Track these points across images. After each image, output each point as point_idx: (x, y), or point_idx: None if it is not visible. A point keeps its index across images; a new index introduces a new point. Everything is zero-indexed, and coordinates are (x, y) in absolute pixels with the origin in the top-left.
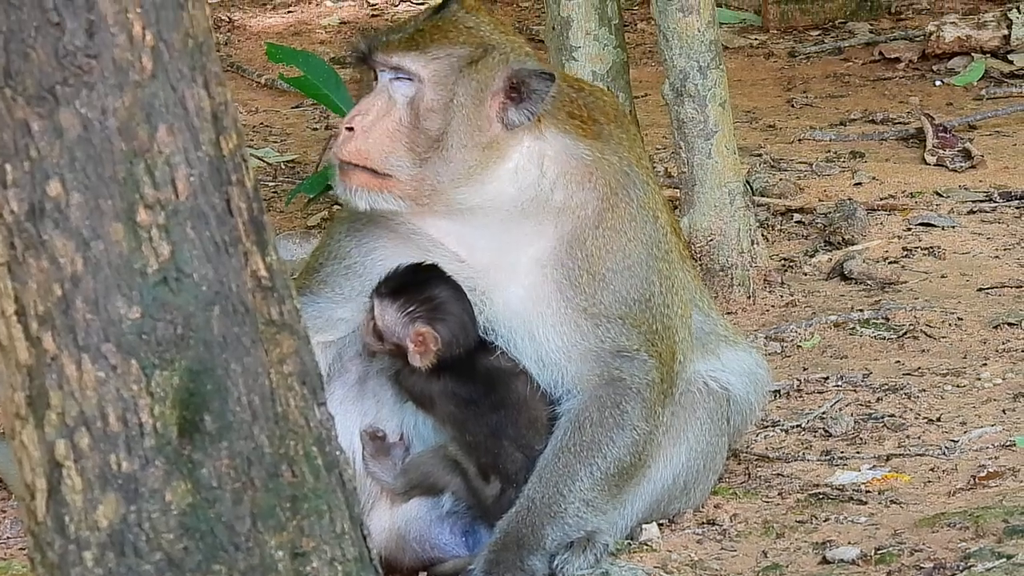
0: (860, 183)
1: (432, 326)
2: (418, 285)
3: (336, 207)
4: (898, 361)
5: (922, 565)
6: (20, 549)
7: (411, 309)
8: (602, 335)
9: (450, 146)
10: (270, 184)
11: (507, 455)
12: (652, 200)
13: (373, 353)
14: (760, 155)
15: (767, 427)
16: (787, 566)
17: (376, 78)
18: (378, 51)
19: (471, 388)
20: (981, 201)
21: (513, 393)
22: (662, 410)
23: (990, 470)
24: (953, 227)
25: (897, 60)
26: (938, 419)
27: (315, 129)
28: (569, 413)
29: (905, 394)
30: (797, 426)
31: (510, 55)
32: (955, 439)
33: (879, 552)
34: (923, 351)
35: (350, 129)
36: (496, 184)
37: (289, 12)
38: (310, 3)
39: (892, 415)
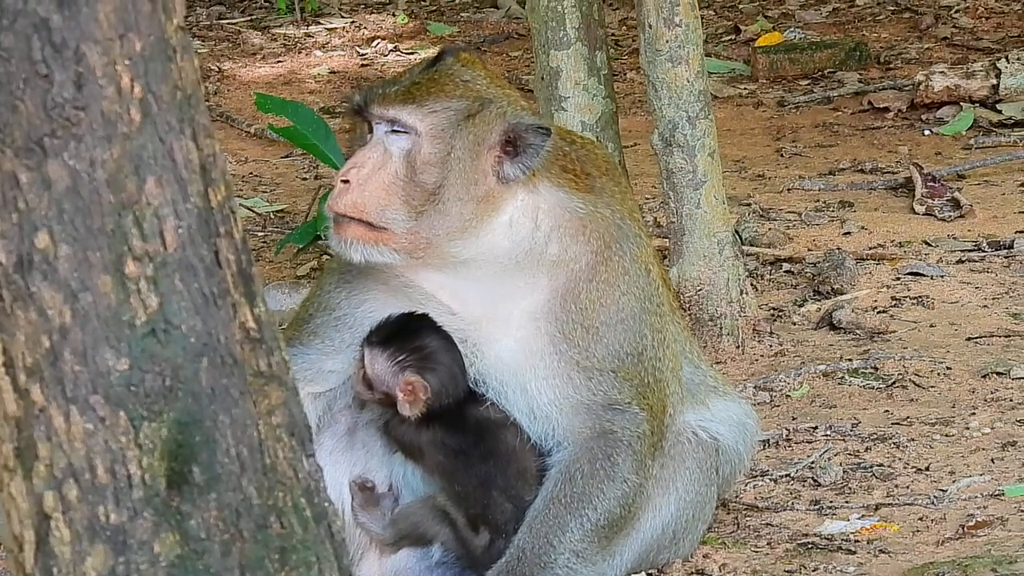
0: (849, 232)
1: (422, 375)
2: (408, 334)
3: (326, 257)
4: (887, 410)
5: None
6: None
7: (401, 358)
8: (594, 388)
9: (446, 199)
10: (259, 234)
11: (496, 506)
12: (644, 253)
13: (363, 403)
14: (749, 205)
15: (756, 476)
16: None
17: (371, 130)
18: (374, 104)
19: (460, 438)
20: (970, 250)
21: (503, 444)
22: (652, 462)
23: (979, 519)
24: (942, 276)
25: (886, 110)
26: (927, 468)
27: (304, 179)
28: (560, 464)
29: (894, 443)
30: (786, 475)
31: (507, 109)
32: (944, 488)
33: None
34: (912, 400)
35: (345, 182)
36: (490, 237)
37: (278, 62)
38: (300, 53)
39: (881, 464)
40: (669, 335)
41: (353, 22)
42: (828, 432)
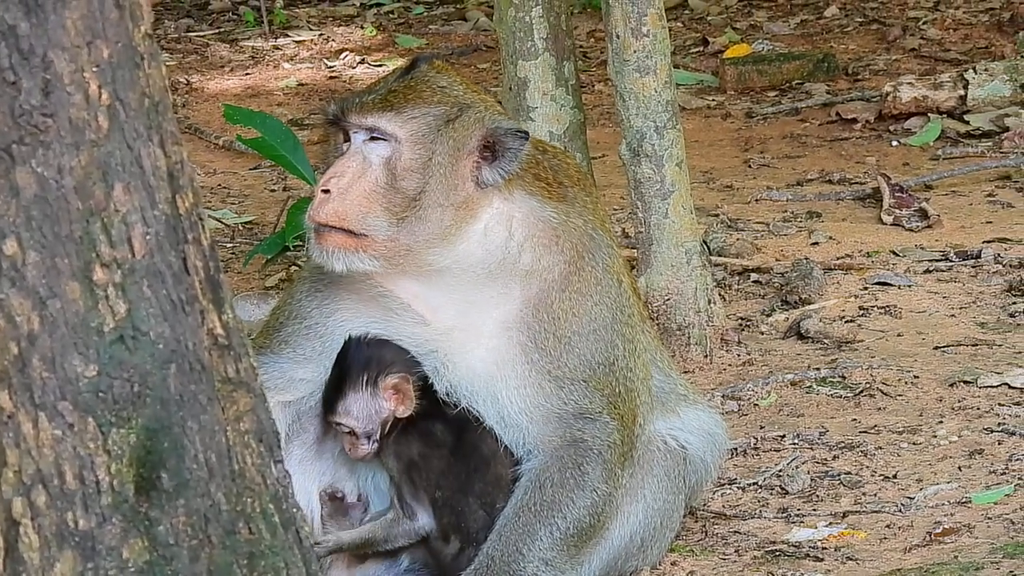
0: (817, 243)
1: (395, 374)
2: (348, 364)
3: (295, 268)
4: (854, 419)
5: None
6: None
7: (366, 378)
8: (565, 397)
9: (426, 205)
10: (228, 245)
11: (471, 513)
12: (616, 264)
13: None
14: (717, 215)
15: (724, 485)
16: None
17: (347, 140)
18: (352, 113)
19: (443, 428)
20: (937, 260)
21: (483, 444)
22: (621, 472)
23: (946, 527)
24: (909, 286)
25: (854, 121)
26: (894, 476)
27: (273, 190)
28: (530, 472)
29: (861, 451)
30: (754, 484)
31: (485, 114)
32: (911, 496)
33: None
34: (879, 409)
35: (326, 191)
36: (465, 245)
37: (247, 75)
38: (268, 66)
39: (848, 472)
40: (640, 345)
41: (321, 34)
42: (796, 440)
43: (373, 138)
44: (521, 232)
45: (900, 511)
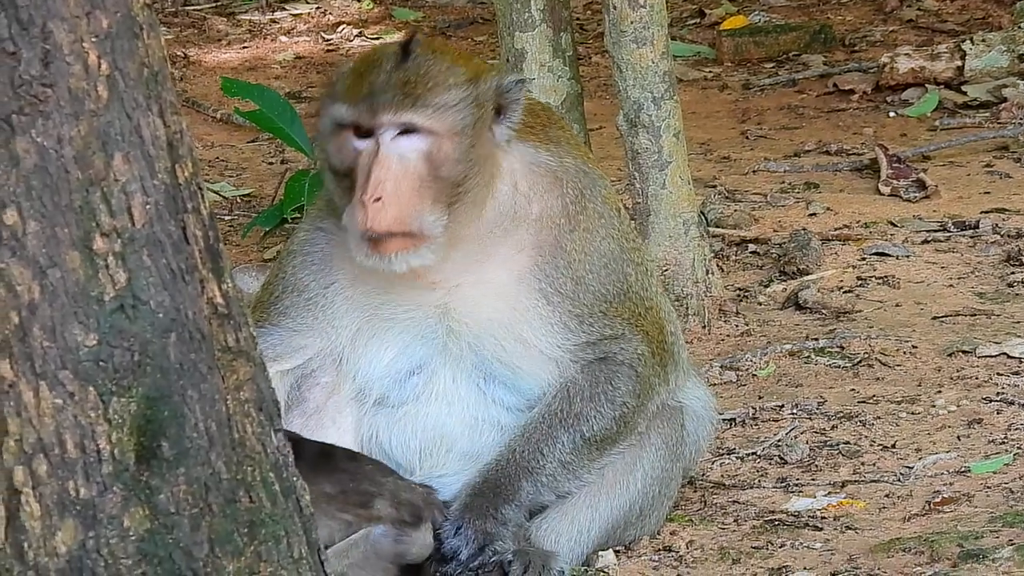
0: (814, 214)
1: None
2: None
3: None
4: (853, 389)
5: None
6: None
7: None
8: (588, 329)
9: (470, 187)
10: (226, 218)
11: (400, 484)
12: (611, 194)
13: None
14: (715, 186)
15: (723, 455)
16: None
17: (363, 137)
18: (382, 112)
19: (324, 480)
20: (935, 231)
21: (313, 443)
22: (660, 381)
23: (945, 496)
24: (907, 256)
25: (851, 92)
26: (893, 446)
27: (271, 163)
28: (560, 385)
29: (860, 421)
30: (753, 454)
31: (492, 78)
32: (910, 465)
33: None
34: (878, 379)
35: (377, 200)
36: (483, 209)
37: (244, 48)
38: (265, 39)
39: (847, 442)
40: (648, 264)
41: (318, 8)
42: (794, 410)
43: (403, 132)
44: (525, 183)
45: (899, 481)
